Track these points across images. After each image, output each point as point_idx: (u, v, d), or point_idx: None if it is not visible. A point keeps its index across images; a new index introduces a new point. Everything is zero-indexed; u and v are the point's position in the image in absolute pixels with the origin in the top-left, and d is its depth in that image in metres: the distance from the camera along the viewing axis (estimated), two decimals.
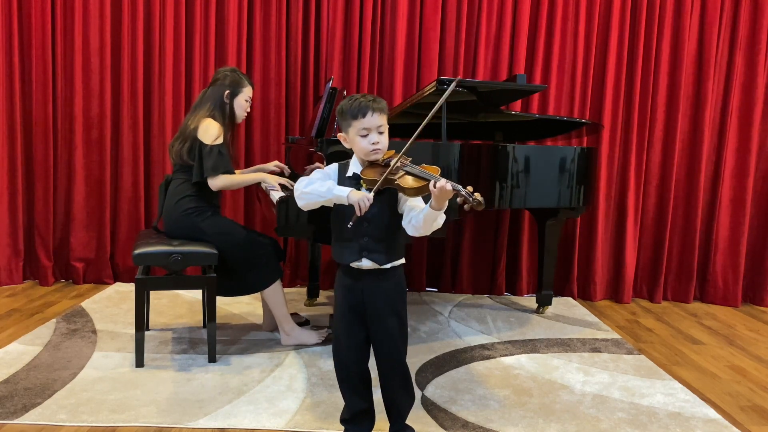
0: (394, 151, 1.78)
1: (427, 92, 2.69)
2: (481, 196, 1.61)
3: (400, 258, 1.83)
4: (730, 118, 3.83)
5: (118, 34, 3.65)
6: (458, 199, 1.62)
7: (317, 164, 2.61)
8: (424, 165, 1.74)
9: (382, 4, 3.70)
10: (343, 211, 1.75)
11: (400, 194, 1.76)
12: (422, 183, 1.67)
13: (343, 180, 1.80)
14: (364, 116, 1.73)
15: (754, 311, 3.85)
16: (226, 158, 2.68)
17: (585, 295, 3.93)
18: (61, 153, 3.72)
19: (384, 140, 1.76)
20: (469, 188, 1.61)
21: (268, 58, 3.73)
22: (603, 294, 3.94)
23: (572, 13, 3.73)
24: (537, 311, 3.56)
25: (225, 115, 2.76)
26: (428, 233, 1.73)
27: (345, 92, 3.00)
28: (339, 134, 1.83)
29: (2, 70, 3.56)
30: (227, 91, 2.76)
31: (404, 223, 1.76)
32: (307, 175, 1.85)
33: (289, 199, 2.44)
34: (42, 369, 2.45)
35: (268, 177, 2.79)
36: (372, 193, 1.68)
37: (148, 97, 3.72)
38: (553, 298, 3.68)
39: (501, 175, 2.89)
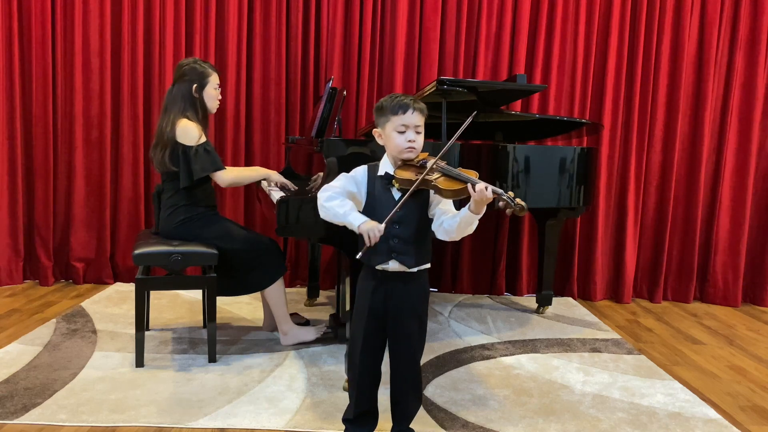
0: (427, 153, 1.78)
1: (427, 92, 2.69)
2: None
3: (427, 262, 1.82)
4: (730, 118, 3.83)
5: (118, 34, 3.65)
6: (500, 203, 1.61)
7: (318, 174, 2.61)
8: (461, 168, 1.72)
9: (382, 4, 3.70)
10: (373, 211, 1.74)
11: (432, 197, 1.75)
12: (461, 185, 1.65)
13: (373, 180, 1.78)
14: (404, 113, 1.73)
15: (754, 311, 3.85)
16: (214, 154, 2.66)
17: (585, 295, 3.93)
18: (61, 153, 3.72)
19: (420, 140, 1.76)
20: (510, 193, 1.60)
21: (268, 58, 3.73)
22: (603, 294, 3.94)
23: (572, 14, 3.73)
24: (537, 311, 3.56)
25: (198, 110, 2.72)
26: (458, 238, 1.73)
27: (345, 92, 3.00)
28: (374, 130, 1.82)
29: (2, 70, 3.56)
30: (194, 85, 2.70)
31: (434, 227, 1.75)
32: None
33: (289, 200, 2.44)
34: (42, 369, 2.45)
35: (272, 174, 2.78)
36: (383, 225, 1.67)
37: (148, 97, 3.72)
38: (553, 298, 3.68)
39: (501, 175, 2.89)
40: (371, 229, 1.66)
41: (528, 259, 3.92)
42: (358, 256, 1.70)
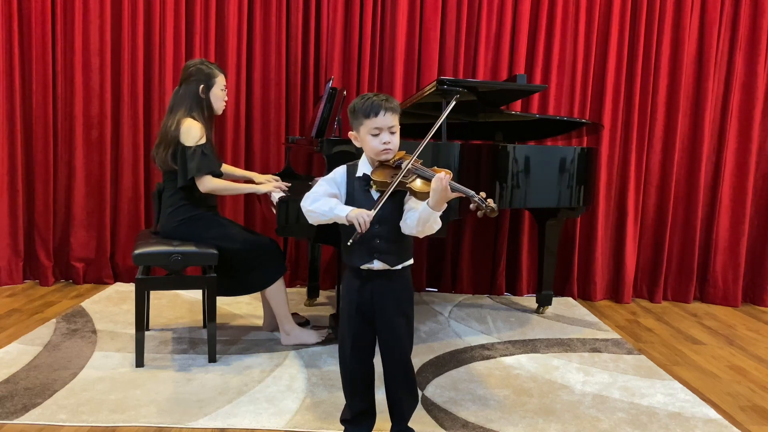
0: (404, 152, 1.77)
1: (427, 92, 2.69)
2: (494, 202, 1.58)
3: (410, 259, 1.83)
4: (730, 118, 3.83)
5: (118, 34, 3.65)
6: (471, 206, 1.60)
7: (316, 179, 2.61)
8: (435, 168, 1.71)
9: (382, 4, 3.70)
10: None
11: (408, 195, 1.75)
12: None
13: (352, 181, 1.78)
14: (376, 115, 1.72)
15: (754, 311, 3.85)
16: (210, 158, 2.64)
17: (585, 295, 3.93)
18: (61, 153, 3.72)
19: (395, 140, 1.75)
20: (482, 194, 1.59)
21: (268, 58, 3.73)
22: (603, 294, 3.94)
23: (572, 13, 3.73)
24: (537, 311, 3.56)
25: (204, 110, 2.72)
26: (421, 235, 1.72)
27: (345, 92, 3.00)
28: (350, 133, 1.82)
29: (2, 70, 3.56)
30: (201, 86, 2.71)
31: (401, 221, 1.75)
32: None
33: (289, 200, 2.44)
34: (42, 369, 2.45)
35: (260, 188, 2.76)
36: (373, 211, 1.66)
37: (148, 97, 3.72)
38: (553, 298, 3.68)
39: (501, 175, 2.89)
40: (359, 215, 1.65)
41: (528, 259, 3.92)
42: (349, 243, 1.69)
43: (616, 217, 3.90)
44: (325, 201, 1.74)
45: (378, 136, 1.73)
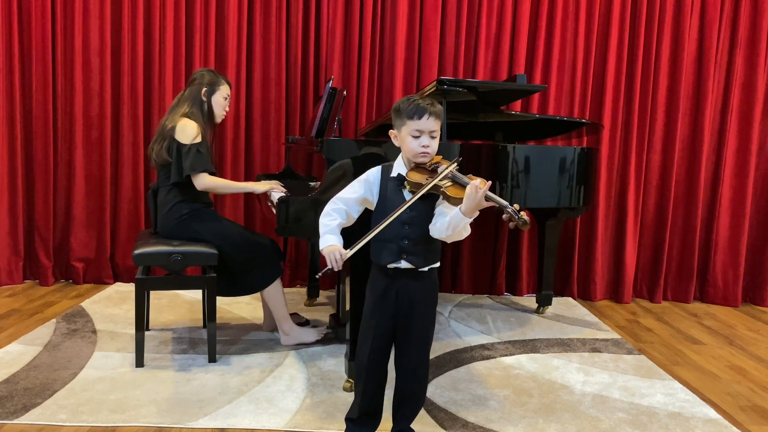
0: (441, 156, 1.80)
1: (427, 92, 2.69)
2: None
3: (437, 261, 1.84)
4: (730, 118, 3.83)
5: (118, 34, 3.65)
6: (504, 216, 1.62)
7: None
8: (470, 176, 1.72)
9: (382, 4, 3.70)
10: (384, 212, 1.76)
11: (440, 200, 1.76)
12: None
13: (386, 181, 1.81)
14: (420, 118, 1.74)
15: (754, 311, 3.85)
16: (205, 157, 2.64)
17: (585, 295, 3.93)
18: (61, 153, 3.72)
19: (434, 145, 1.77)
20: (516, 206, 1.61)
21: (268, 58, 3.73)
22: (603, 294, 3.94)
23: (572, 13, 3.73)
24: (537, 311, 3.56)
25: (203, 113, 2.74)
26: (449, 240, 1.73)
27: (345, 92, 3.00)
28: (390, 132, 1.84)
29: (2, 69, 3.56)
30: (204, 89, 2.74)
31: (430, 225, 1.76)
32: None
33: (289, 199, 2.44)
34: (42, 369, 2.45)
35: (258, 186, 2.76)
36: (349, 251, 1.69)
37: (148, 97, 3.72)
38: (553, 298, 3.68)
39: (501, 175, 2.89)
40: (330, 253, 1.70)
41: (528, 259, 3.92)
42: (317, 276, 1.76)
43: (616, 217, 3.90)
44: (329, 220, 1.79)
45: (418, 138, 1.75)
